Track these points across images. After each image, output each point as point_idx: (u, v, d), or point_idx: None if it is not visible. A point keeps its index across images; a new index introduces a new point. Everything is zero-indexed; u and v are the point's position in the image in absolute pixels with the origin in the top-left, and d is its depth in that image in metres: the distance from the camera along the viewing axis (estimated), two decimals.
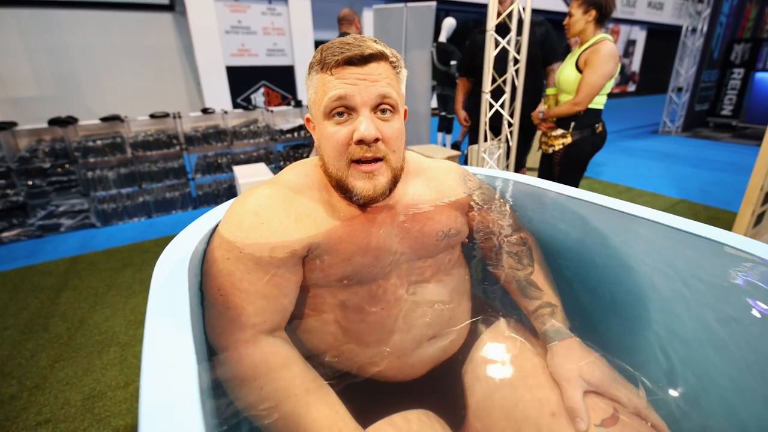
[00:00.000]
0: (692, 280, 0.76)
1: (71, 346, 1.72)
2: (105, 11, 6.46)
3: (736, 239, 0.73)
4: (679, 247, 0.79)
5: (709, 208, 3.25)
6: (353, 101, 0.58)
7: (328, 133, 0.61)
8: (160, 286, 0.56)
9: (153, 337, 0.46)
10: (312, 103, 0.63)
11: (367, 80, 0.58)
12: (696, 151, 5.39)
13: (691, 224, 0.79)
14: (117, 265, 2.45)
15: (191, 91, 7.67)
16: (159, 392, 0.40)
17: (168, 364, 0.43)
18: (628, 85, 13.31)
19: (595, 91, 1.81)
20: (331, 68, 0.58)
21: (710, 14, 5.82)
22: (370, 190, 0.62)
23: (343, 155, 0.61)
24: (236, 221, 0.60)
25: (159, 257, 0.64)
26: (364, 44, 0.59)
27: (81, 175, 2.96)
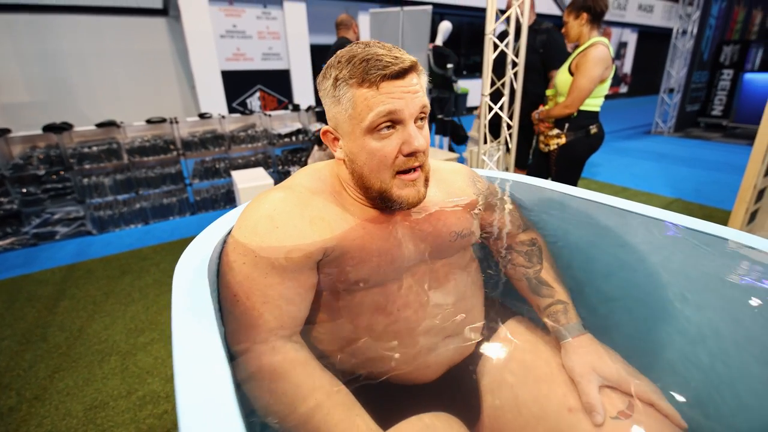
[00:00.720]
0: (700, 277, 0.77)
1: (71, 356, 1.70)
2: (98, 16, 6.43)
3: (746, 237, 0.74)
4: (686, 245, 0.81)
5: (704, 207, 3.29)
6: (402, 115, 0.59)
7: (373, 148, 0.60)
8: (183, 291, 0.55)
9: (183, 342, 0.46)
10: (346, 116, 0.60)
11: (410, 92, 0.58)
12: (688, 150, 5.46)
13: (698, 222, 0.80)
14: (115, 273, 2.42)
15: (186, 96, 7.64)
16: (196, 393, 0.39)
17: (202, 365, 0.43)
18: (620, 87, 13.47)
19: (584, 95, 1.84)
20: (376, 83, 0.57)
21: (700, 17, 5.92)
22: (415, 196, 0.64)
23: (390, 168, 0.61)
24: (251, 225, 0.60)
25: (177, 263, 0.63)
26: (400, 56, 0.58)
27: (76, 181, 2.93)
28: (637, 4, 11.70)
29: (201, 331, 0.48)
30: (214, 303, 0.55)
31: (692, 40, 6.05)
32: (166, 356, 1.69)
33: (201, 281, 0.57)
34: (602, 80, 1.87)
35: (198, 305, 0.52)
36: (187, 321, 0.50)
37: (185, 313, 0.51)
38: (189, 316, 0.50)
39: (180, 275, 0.59)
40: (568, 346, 0.67)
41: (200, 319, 0.50)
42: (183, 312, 0.51)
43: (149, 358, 1.68)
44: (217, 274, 0.63)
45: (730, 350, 0.68)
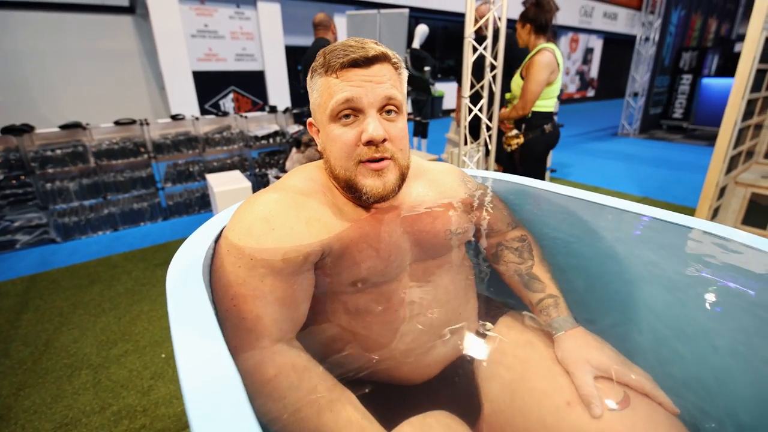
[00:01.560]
0: (678, 266, 0.81)
1: (37, 371, 1.59)
2: (58, 13, 6.12)
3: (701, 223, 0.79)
4: (663, 237, 0.85)
5: (670, 205, 3.45)
6: (360, 103, 0.59)
7: (335, 135, 0.61)
8: (178, 299, 0.52)
9: (186, 351, 0.43)
10: (316, 106, 0.63)
11: (372, 82, 0.58)
12: (653, 151, 5.73)
13: (673, 215, 0.85)
14: (83, 282, 2.29)
15: (154, 97, 7.38)
16: (206, 401, 0.37)
17: (208, 371, 0.41)
18: (588, 91, 13.99)
19: (533, 97, 1.98)
20: (336, 71, 0.58)
21: (661, 24, 6.23)
22: (380, 187, 0.62)
23: (351, 156, 0.61)
24: (245, 227, 0.58)
25: (168, 271, 0.60)
26: (367, 46, 0.59)
27: (38, 187, 2.77)
28: (603, 11, 12.21)
29: (205, 342, 0.46)
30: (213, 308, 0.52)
31: (654, 46, 6.37)
32: (141, 368, 1.61)
33: (198, 289, 0.54)
34: (549, 83, 2.00)
35: (198, 314, 0.49)
36: (189, 333, 0.47)
37: (186, 324, 0.48)
38: (190, 327, 0.48)
39: (174, 283, 0.56)
40: (561, 340, 0.68)
41: (203, 329, 0.47)
42: (183, 323, 0.48)
43: (123, 370, 1.60)
44: (210, 278, 0.60)
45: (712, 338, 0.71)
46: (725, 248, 0.77)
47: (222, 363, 0.42)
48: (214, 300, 0.57)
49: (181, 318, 0.48)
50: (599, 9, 12.04)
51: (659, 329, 0.77)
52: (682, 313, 0.76)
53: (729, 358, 0.68)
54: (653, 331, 0.77)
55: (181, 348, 0.43)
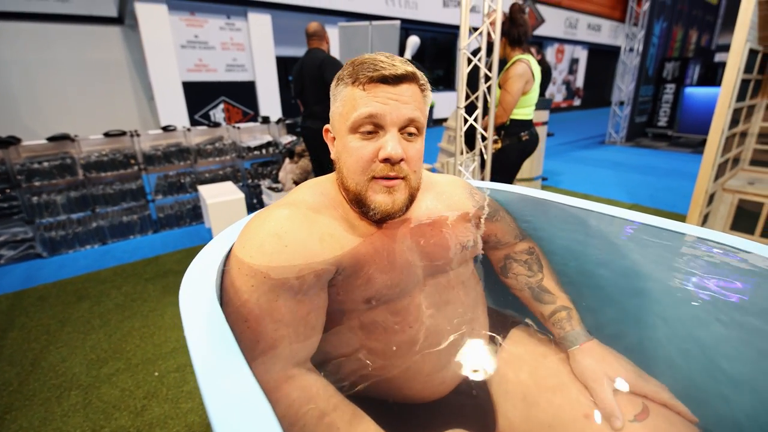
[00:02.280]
0: (681, 271, 0.82)
1: (23, 392, 1.53)
2: (44, 23, 6.04)
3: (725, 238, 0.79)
4: (672, 246, 0.85)
5: (659, 212, 3.51)
6: (383, 120, 0.58)
7: (353, 147, 0.60)
8: (197, 325, 0.50)
9: (216, 389, 0.41)
10: (337, 115, 0.62)
11: (398, 101, 0.58)
12: (640, 159, 5.84)
13: (677, 224, 0.85)
14: (71, 299, 2.22)
15: (143, 108, 7.30)
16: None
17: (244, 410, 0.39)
18: (574, 100, 14.28)
19: (509, 106, 2.07)
20: (363, 84, 0.58)
21: (644, 36, 6.41)
22: (389, 204, 0.62)
23: (366, 171, 0.60)
24: (256, 245, 0.56)
25: (180, 293, 0.57)
26: (397, 63, 0.59)
27: (24, 200, 2.69)
28: (587, 23, 12.54)
29: (233, 371, 0.43)
30: None
31: (638, 57, 6.54)
32: (133, 387, 1.56)
33: (216, 314, 0.52)
34: (525, 92, 2.08)
35: (221, 342, 0.47)
36: (213, 363, 0.45)
37: (206, 346, 0.46)
38: (214, 357, 0.45)
39: (190, 307, 0.53)
40: (577, 354, 0.67)
41: (228, 357, 0.45)
42: (202, 345, 0.46)
43: (115, 390, 1.54)
44: (220, 298, 0.58)
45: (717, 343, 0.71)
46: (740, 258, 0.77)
47: (252, 395, 0.40)
48: (227, 321, 0.55)
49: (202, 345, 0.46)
50: (584, 21, 12.36)
51: (671, 338, 0.76)
52: (694, 321, 0.76)
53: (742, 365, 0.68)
54: (666, 340, 0.77)
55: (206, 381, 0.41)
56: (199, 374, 0.43)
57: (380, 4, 7.66)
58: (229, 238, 0.70)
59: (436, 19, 8.63)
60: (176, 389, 1.54)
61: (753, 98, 2.69)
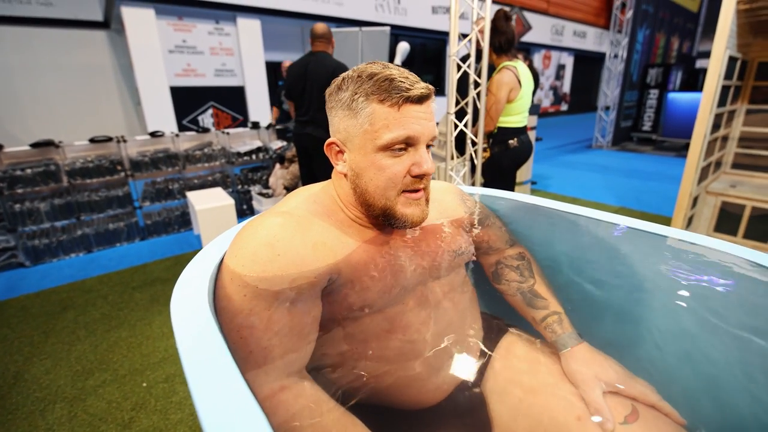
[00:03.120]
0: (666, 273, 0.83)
1: (5, 407, 1.48)
2: (27, 27, 5.94)
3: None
4: (659, 249, 0.87)
5: (645, 214, 3.58)
6: (418, 140, 0.60)
7: (383, 164, 0.60)
8: (189, 336, 0.49)
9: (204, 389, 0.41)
10: (361, 132, 0.60)
11: (426, 119, 0.60)
12: (626, 162, 5.95)
13: (662, 228, 0.87)
14: (55, 309, 2.17)
15: (129, 113, 7.21)
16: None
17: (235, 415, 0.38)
18: (561, 105, 14.53)
19: (494, 114, 2.09)
20: (398, 104, 0.57)
21: (628, 43, 6.57)
22: (419, 215, 0.64)
23: (397, 186, 0.61)
24: (248, 254, 0.55)
25: (172, 303, 0.56)
26: (420, 82, 0.60)
27: (6, 208, 2.63)
28: (573, 30, 12.79)
29: (225, 381, 0.43)
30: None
31: (623, 63, 6.69)
32: (121, 399, 1.52)
33: (209, 325, 0.51)
34: (510, 100, 2.08)
35: (213, 352, 0.47)
36: (202, 367, 0.44)
37: (197, 356, 0.45)
38: (203, 360, 0.45)
39: (181, 319, 0.52)
40: (568, 356, 0.68)
41: (221, 369, 0.45)
42: (194, 356, 0.45)
43: (101, 402, 1.51)
44: (215, 309, 0.57)
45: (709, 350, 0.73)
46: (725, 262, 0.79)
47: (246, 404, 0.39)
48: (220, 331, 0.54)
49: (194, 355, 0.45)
50: (569, 28, 12.60)
51: (658, 341, 0.78)
52: (680, 324, 0.77)
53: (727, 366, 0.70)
54: (653, 343, 0.78)
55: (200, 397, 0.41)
56: (192, 384, 0.42)
57: (370, 10, 7.71)
58: (221, 246, 0.69)
59: (425, 25, 8.71)
60: (165, 400, 1.51)
61: (733, 103, 2.76)
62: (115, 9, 5.66)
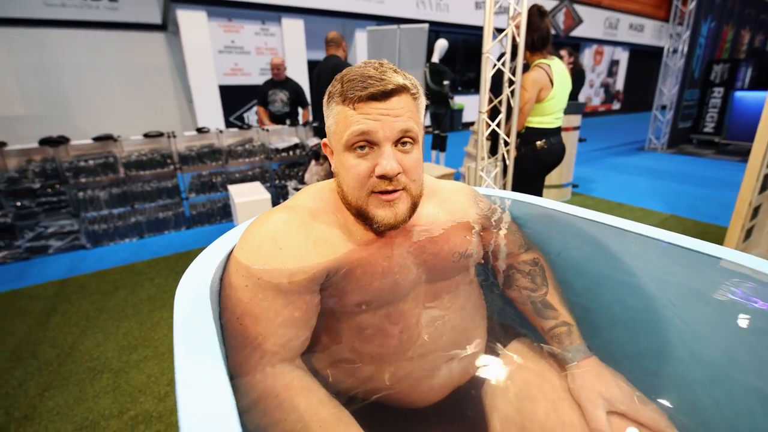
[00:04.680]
0: (704, 298, 0.77)
1: (61, 373, 1.66)
2: (96, 31, 6.49)
3: (743, 258, 0.74)
4: (690, 266, 0.81)
5: (699, 223, 3.31)
6: (376, 137, 0.58)
7: (349, 164, 0.60)
8: (185, 318, 0.54)
9: (185, 370, 0.45)
10: (332, 132, 0.63)
11: (389, 115, 0.58)
12: (682, 167, 5.53)
13: (700, 243, 0.80)
14: (108, 288, 2.38)
15: (183, 110, 7.68)
16: (198, 422, 0.39)
17: (205, 394, 0.43)
18: (613, 104, 13.71)
19: (522, 113, 2.03)
20: (353, 103, 0.58)
21: (690, 36, 6.08)
22: (391, 218, 0.62)
23: (364, 186, 0.61)
24: (253, 247, 0.59)
25: (179, 285, 0.62)
26: (386, 78, 0.58)
27: (72, 195, 2.91)
28: (628, 23, 12.02)
29: (204, 358, 0.47)
30: (217, 327, 0.54)
31: (683, 58, 6.20)
32: (159, 374, 1.65)
33: (204, 305, 0.56)
34: (540, 100, 1.98)
35: (201, 332, 0.51)
36: (189, 349, 0.48)
37: (187, 340, 0.50)
38: (191, 343, 0.49)
39: (182, 298, 0.58)
40: (574, 370, 0.66)
41: (203, 346, 0.49)
42: (185, 339, 0.50)
43: (142, 376, 1.64)
44: (219, 295, 0.61)
45: (732, 374, 0.68)
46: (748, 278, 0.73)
47: (220, 394, 0.43)
48: (221, 317, 0.59)
49: (185, 345, 0.50)
50: (625, 21, 11.86)
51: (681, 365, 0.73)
52: (707, 348, 0.72)
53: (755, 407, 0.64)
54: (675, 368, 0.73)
55: (181, 374, 0.45)
56: (177, 361, 0.46)
57: (411, 7, 7.68)
58: (230, 241, 0.74)
59: (467, 21, 8.55)
60: None
61: None
62: (171, 12, 6.05)
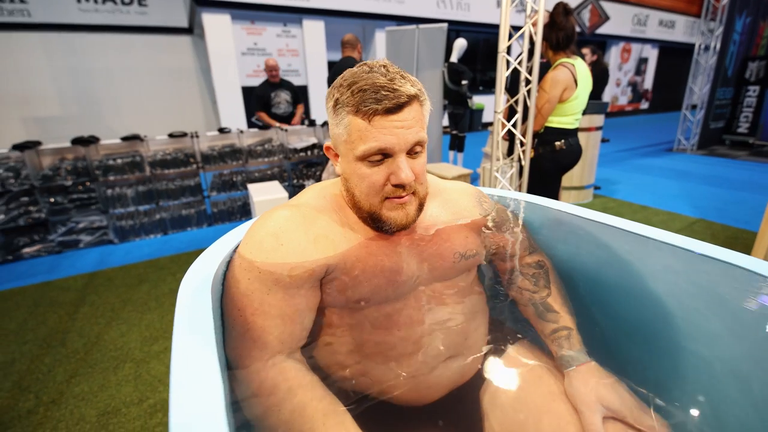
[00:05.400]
0: (712, 305, 0.74)
1: (87, 361, 1.75)
2: (126, 35, 6.76)
3: (755, 263, 0.71)
4: (697, 271, 0.78)
5: (728, 228, 3.18)
6: (392, 150, 0.59)
7: (364, 173, 0.61)
8: (185, 306, 0.57)
9: (181, 358, 0.48)
10: (342, 140, 0.62)
11: (403, 128, 0.58)
12: (712, 169, 5.31)
13: (710, 247, 0.77)
14: (133, 281, 2.49)
15: (208, 111, 7.90)
16: (187, 410, 0.41)
17: (196, 383, 0.45)
18: (641, 103, 13.27)
19: (545, 113, 1.98)
20: (368, 116, 0.58)
21: (723, 32, 5.82)
22: (403, 219, 0.64)
23: (379, 194, 0.62)
24: (257, 242, 0.62)
25: (183, 276, 0.66)
26: (398, 89, 0.57)
27: (101, 192, 3.05)
28: (658, 19, 11.60)
29: (198, 348, 0.50)
30: (216, 319, 0.56)
31: (715, 56, 5.94)
32: None
33: (204, 296, 0.59)
34: (563, 100, 1.95)
35: (198, 321, 0.54)
36: (186, 337, 0.51)
37: (185, 328, 0.53)
38: (189, 332, 0.52)
39: (184, 291, 0.61)
40: (572, 374, 0.65)
41: (199, 336, 0.52)
42: (183, 327, 0.53)
43: (162, 366, 1.71)
44: (223, 288, 0.64)
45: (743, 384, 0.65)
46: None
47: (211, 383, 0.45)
48: (224, 308, 0.61)
49: (185, 335, 0.53)
50: (654, 17, 11.45)
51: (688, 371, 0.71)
52: (718, 355, 0.69)
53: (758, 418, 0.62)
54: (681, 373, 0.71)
55: (176, 361, 0.48)
56: (174, 349, 0.49)
57: (431, 7, 7.66)
58: (233, 239, 0.77)
59: (488, 20, 8.45)
60: None
61: None
62: (197, 15, 6.24)
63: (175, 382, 0.44)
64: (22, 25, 6.07)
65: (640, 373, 0.73)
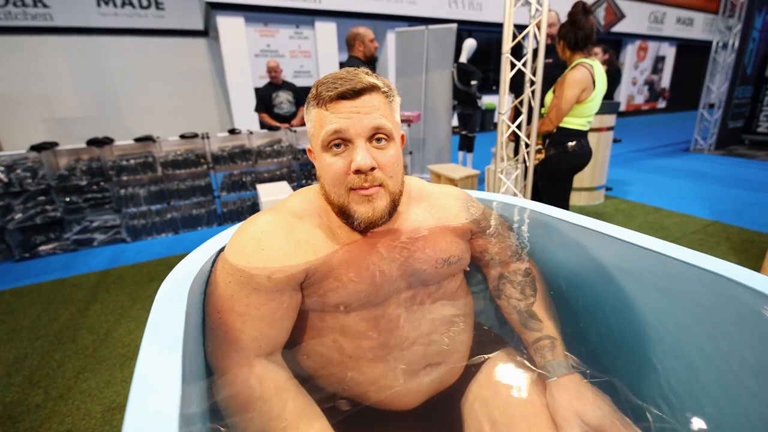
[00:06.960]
0: (700, 315, 0.73)
1: (96, 358, 1.80)
2: (144, 37, 6.93)
3: (746, 275, 0.69)
4: (686, 281, 0.76)
5: (744, 230, 3.08)
6: (348, 134, 0.61)
7: (327, 163, 0.64)
8: (160, 307, 0.59)
9: (144, 359, 0.49)
10: (311, 135, 0.67)
11: (360, 113, 0.61)
12: (730, 169, 5.15)
13: (699, 256, 0.75)
14: (143, 280, 2.55)
15: (222, 112, 8.04)
16: (142, 414, 0.42)
17: (154, 387, 0.46)
18: (658, 102, 12.96)
19: (560, 114, 1.94)
20: (326, 103, 0.62)
21: (742, 30, 5.65)
22: (370, 212, 0.64)
23: (342, 184, 0.64)
24: (239, 246, 0.63)
25: (165, 278, 0.68)
26: (356, 78, 0.62)
27: (114, 192, 3.13)
28: (676, 17, 11.32)
29: (165, 350, 0.51)
30: (190, 321, 0.58)
31: (734, 53, 5.77)
32: None
33: (179, 298, 0.60)
34: (580, 101, 1.91)
35: (168, 328, 0.55)
36: (155, 340, 0.53)
37: (155, 330, 0.54)
38: (158, 333, 0.54)
39: (161, 292, 0.63)
40: (553, 386, 0.64)
41: (168, 337, 0.53)
42: (154, 329, 0.54)
43: None
44: (205, 290, 0.66)
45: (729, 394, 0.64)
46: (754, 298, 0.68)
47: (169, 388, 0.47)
48: (205, 310, 0.63)
49: (154, 336, 0.55)
50: (672, 14, 11.18)
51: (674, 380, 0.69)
52: (704, 365, 0.68)
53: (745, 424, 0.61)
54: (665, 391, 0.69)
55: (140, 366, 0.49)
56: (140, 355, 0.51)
57: (443, 7, 7.63)
58: (217, 243, 0.79)
59: (501, 19, 8.37)
60: None
61: None
62: (212, 18, 6.35)
63: (134, 390, 0.45)
64: (45, 29, 6.28)
65: (626, 384, 0.72)
